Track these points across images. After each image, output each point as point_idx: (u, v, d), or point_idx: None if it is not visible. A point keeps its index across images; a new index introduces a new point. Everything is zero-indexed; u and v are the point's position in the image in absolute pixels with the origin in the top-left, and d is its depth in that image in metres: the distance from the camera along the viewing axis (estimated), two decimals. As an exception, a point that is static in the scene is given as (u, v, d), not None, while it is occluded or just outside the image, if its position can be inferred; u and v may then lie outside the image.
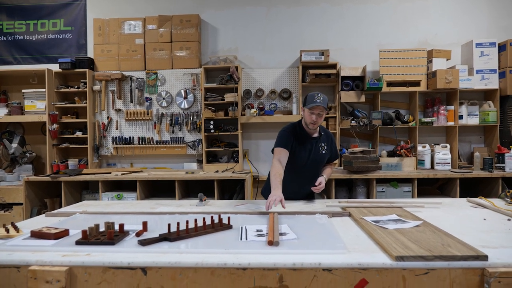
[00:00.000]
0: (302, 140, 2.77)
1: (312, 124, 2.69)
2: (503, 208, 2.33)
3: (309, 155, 2.77)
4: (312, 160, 2.78)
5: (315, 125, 2.71)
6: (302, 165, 2.78)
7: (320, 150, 2.80)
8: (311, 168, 2.82)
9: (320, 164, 2.86)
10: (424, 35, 4.91)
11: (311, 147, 2.78)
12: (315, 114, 2.65)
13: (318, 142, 2.81)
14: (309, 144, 2.77)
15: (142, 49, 4.94)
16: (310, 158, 2.77)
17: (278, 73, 4.98)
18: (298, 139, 2.76)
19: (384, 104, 4.83)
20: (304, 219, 2.15)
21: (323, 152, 2.82)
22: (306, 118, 2.72)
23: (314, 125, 2.71)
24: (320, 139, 2.82)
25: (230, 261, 1.46)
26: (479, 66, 4.55)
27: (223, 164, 4.78)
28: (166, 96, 4.95)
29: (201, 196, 2.73)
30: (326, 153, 2.85)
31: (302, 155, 2.76)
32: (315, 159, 2.79)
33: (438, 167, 4.44)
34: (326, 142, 2.86)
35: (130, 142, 4.95)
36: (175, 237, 1.71)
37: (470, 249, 1.50)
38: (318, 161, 2.82)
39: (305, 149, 2.76)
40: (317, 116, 2.66)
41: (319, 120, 2.70)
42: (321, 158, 2.83)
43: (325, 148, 2.83)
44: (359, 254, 1.52)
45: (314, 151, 2.78)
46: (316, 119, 2.67)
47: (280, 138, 2.75)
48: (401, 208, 2.37)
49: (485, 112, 4.58)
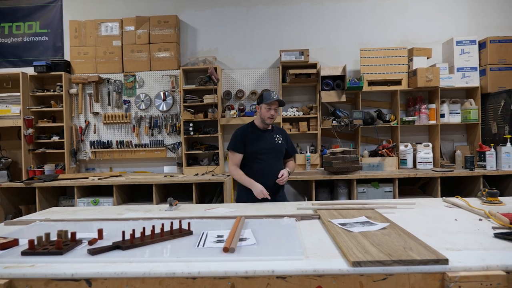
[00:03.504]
0: (256, 135, 2.97)
1: (270, 118, 2.90)
2: (477, 208, 2.27)
3: (267, 145, 2.95)
4: (270, 148, 2.95)
5: (272, 119, 2.92)
6: (263, 154, 2.93)
7: (275, 140, 2.99)
8: (273, 157, 2.96)
9: (279, 153, 3.01)
10: (405, 33, 4.87)
11: (266, 138, 2.97)
12: (272, 109, 2.87)
13: (272, 133, 3.02)
14: (264, 137, 2.97)
15: (120, 51, 4.85)
16: (269, 147, 2.95)
17: (259, 74, 4.92)
18: (252, 136, 2.96)
19: (366, 104, 4.78)
20: (270, 223, 2.07)
21: (279, 142, 3.00)
22: (263, 114, 2.91)
23: (271, 120, 2.92)
24: (273, 131, 3.03)
25: (180, 270, 1.38)
26: (460, 64, 4.52)
27: (204, 167, 4.70)
28: (144, 99, 4.86)
29: (170, 201, 2.65)
30: (283, 143, 3.02)
31: (260, 146, 2.94)
32: (273, 147, 2.97)
33: (420, 166, 4.40)
34: (280, 134, 3.05)
35: (108, 146, 4.85)
36: (127, 245, 1.63)
37: (432, 252, 1.43)
38: (277, 149, 2.99)
39: (261, 141, 2.95)
40: (274, 111, 2.89)
41: (276, 114, 2.92)
42: (279, 146, 3.00)
43: (280, 139, 3.02)
44: (317, 260, 1.45)
45: (270, 140, 2.98)
46: (273, 114, 2.89)
47: (233, 140, 3.00)
48: (373, 209, 2.30)
49: (466, 110, 4.54)
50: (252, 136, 2.96)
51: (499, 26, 4.78)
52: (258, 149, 2.93)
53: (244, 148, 2.94)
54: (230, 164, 3.01)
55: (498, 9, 4.82)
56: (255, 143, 2.94)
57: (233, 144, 2.98)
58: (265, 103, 2.86)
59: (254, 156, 2.94)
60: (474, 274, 1.33)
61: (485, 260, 1.39)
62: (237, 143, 2.95)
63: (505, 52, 4.40)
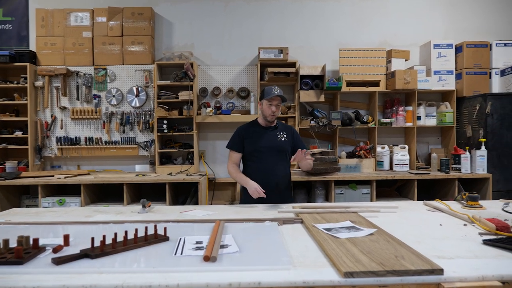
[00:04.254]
0: (257, 133, 2.87)
1: (271, 115, 2.80)
2: (459, 212, 2.24)
3: (267, 143, 2.83)
4: (271, 147, 2.83)
5: (274, 116, 2.81)
6: (263, 152, 2.83)
7: (278, 137, 2.86)
8: (274, 156, 2.84)
9: (282, 152, 2.87)
10: (384, 35, 4.87)
11: (268, 135, 2.86)
12: (273, 105, 2.76)
13: (275, 131, 2.89)
14: (266, 134, 2.87)
15: (90, 43, 4.60)
16: (269, 145, 2.83)
17: (236, 71, 4.79)
18: (252, 134, 2.87)
19: (344, 104, 4.74)
20: (251, 228, 1.96)
21: (282, 140, 2.86)
22: (265, 110, 2.81)
23: (273, 117, 2.81)
24: (276, 129, 2.91)
25: (156, 282, 1.25)
26: (437, 67, 4.55)
27: (178, 166, 4.53)
28: (116, 94, 4.63)
29: (143, 202, 2.49)
30: (287, 141, 2.88)
31: (259, 144, 2.83)
32: (274, 145, 2.84)
33: (396, 168, 4.40)
34: (285, 131, 2.91)
35: (76, 143, 4.60)
36: (97, 254, 1.48)
37: (425, 261, 1.36)
38: (279, 147, 2.85)
39: (261, 139, 2.84)
40: (275, 107, 2.77)
41: (277, 111, 2.81)
42: (282, 144, 2.86)
43: (284, 136, 2.88)
44: (305, 270, 1.35)
45: (272, 138, 2.85)
46: (275, 110, 2.78)
47: (232, 138, 2.94)
48: (356, 213, 2.23)
49: (442, 113, 4.58)
50: (252, 134, 2.87)
51: (474, 31, 4.85)
52: (257, 147, 2.84)
53: (242, 146, 2.87)
54: (228, 163, 2.93)
55: (474, 14, 4.89)
56: (254, 141, 2.85)
57: (231, 143, 2.93)
58: (266, 99, 2.77)
59: (253, 154, 2.85)
60: (470, 285, 1.27)
61: (480, 270, 1.34)
62: (235, 141, 2.90)
63: (480, 57, 4.46)
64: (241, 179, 2.76)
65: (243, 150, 2.88)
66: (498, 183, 4.06)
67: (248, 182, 2.68)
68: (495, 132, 4.11)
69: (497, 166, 4.09)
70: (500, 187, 4.06)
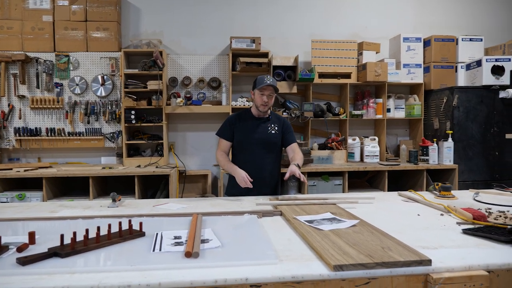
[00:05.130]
0: (247, 123, 2.79)
1: (263, 105, 2.71)
2: (435, 202, 2.27)
3: (257, 134, 2.76)
4: (260, 139, 2.76)
5: (266, 106, 2.73)
6: (251, 144, 2.75)
7: (269, 129, 2.79)
8: (262, 148, 2.76)
9: (271, 145, 2.80)
10: (355, 27, 4.89)
11: (258, 127, 2.78)
12: (265, 95, 2.68)
13: (267, 122, 2.81)
14: (256, 125, 2.78)
15: (51, 28, 4.32)
16: (258, 136, 2.76)
17: (207, 61, 4.67)
18: (242, 123, 2.79)
19: (316, 96, 4.74)
20: (231, 221, 1.89)
21: (272, 132, 2.79)
22: (257, 100, 2.74)
23: (265, 107, 2.73)
24: (269, 120, 2.83)
25: (136, 281, 1.16)
26: (406, 60, 4.63)
27: (147, 158, 4.37)
28: (80, 82, 4.40)
29: (113, 196, 2.36)
30: (277, 134, 2.81)
31: (248, 135, 2.76)
32: (263, 138, 2.76)
33: (367, 160, 4.45)
34: (277, 123, 2.84)
35: (37, 134, 4.33)
36: (68, 252, 1.36)
37: (413, 252, 1.35)
38: (268, 140, 2.78)
39: (250, 129, 2.77)
40: (267, 97, 2.69)
41: (270, 101, 2.72)
42: (271, 137, 2.79)
43: (274, 128, 2.81)
44: (293, 264, 1.30)
45: (262, 129, 2.78)
46: (267, 100, 2.69)
47: (223, 125, 2.85)
48: (335, 204, 2.22)
49: (410, 106, 4.67)
50: (242, 123, 2.79)
51: (442, 26, 4.96)
52: (245, 138, 2.76)
53: (232, 135, 2.79)
54: (217, 150, 2.84)
55: (442, 9, 5.01)
56: (243, 131, 2.77)
57: (221, 130, 2.84)
58: (257, 89, 2.69)
59: (241, 145, 2.77)
60: (458, 275, 1.26)
61: (465, 260, 1.34)
62: (225, 129, 2.81)
63: (447, 51, 4.57)
64: (229, 167, 2.66)
65: (233, 140, 2.81)
66: (463, 173, 4.20)
67: (236, 170, 2.59)
68: (461, 125, 4.23)
69: (463, 157, 4.22)
70: (465, 178, 4.20)
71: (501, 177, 4.28)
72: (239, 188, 2.63)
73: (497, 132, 4.25)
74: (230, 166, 2.67)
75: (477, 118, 4.25)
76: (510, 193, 2.64)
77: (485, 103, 4.26)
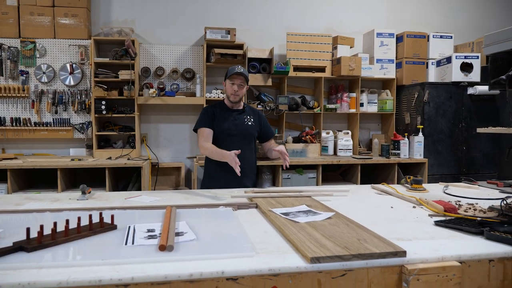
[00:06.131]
0: (224, 113, 2.74)
1: (234, 95, 2.69)
2: (407, 195, 2.31)
3: (235, 126, 2.72)
4: (238, 130, 2.72)
5: (237, 96, 2.70)
6: (230, 136, 2.70)
7: (245, 121, 2.77)
8: (240, 140, 2.72)
9: (249, 136, 2.78)
10: (330, 21, 4.91)
11: (234, 119, 2.75)
12: (236, 84, 2.66)
13: (242, 114, 2.78)
14: (232, 116, 2.75)
15: (16, 12, 4.11)
16: (236, 128, 2.72)
17: (181, 51, 4.57)
18: (220, 113, 2.73)
19: (290, 89, 4.74)
20: (206, 214, 1.86)
21: (249, 124, 2.77)
22: (227, 90, 2.72)
23: (235, 97, 2.70)
24: (244, 112, 2.80)
25: (107, 276, 1.11)
26: (379, 55, 4.69)
27: (118, 150, 4.25)
28: (47, 70, 4.22)
29: (83, 188, 2.28)
30: (254, 125, 2.79)
31: (226, 126, 2.71)
32: (242, 129, 2.74)
33: (340, 154, 4.50)
34: (252, 115, 2.82)
35: (0, 124, 4.13)
36: (34, 246, 1.29)
37: (388, 244, 1.36)
38: (246, 132, 2.76)
39: (228, 121, 2.72)
40: (238, 87, 2.66)
41: (240, 91, 2.70)
42: (249, 129, 2.77)
43: (251, 120, 2.79)
44: (269, 257, 1.28)
45: (239, 121, 2.75)
46: (237, 89, 2.67)
47: (200, 117, 2.75)
48: (310, 197, 2.22)
49: (383, 101, 4.75)
50: (219, 115, 2.72)
51: (414, 22, 5.06)
52: (223, 129, 2.69)
53: (213, 124, 2.69)
54: (200, 141, 2.66)
55: (414, 5, 5.11)
56: (221, 122, 2.70)
57: (200, 122, 2.71)
58: (228, 78, 2.66)
59: (219, 137, 2.69)
60: (432, 266, 1.28)
61: (439, 251, 1.36)
62: (205, 119, 2.70)
63: (419, 47, 4.67)
64: (217, 151, 2.50)
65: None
66: (433, 167, 4.31)
67: (224, 154, 2.41)
68: (431, 120, 4.34)
69: (432, 151, 4.34)
70: (435, 171, 4.32)
71: (468, 171, 4.43)
72: (216, 181, 2.62)
73: (464, 128, 4.39)
74: (217, 150, 2.51)
75: (446, 114, 4.37)
76: (477, 186, 2.73)
77: (454, 99, 4.38)
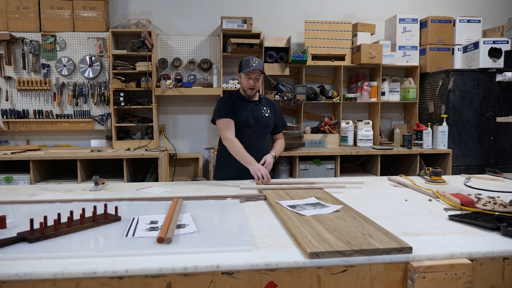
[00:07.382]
0: (242, 104, 2.68)
1: (250, 89, 2.64)
2: (424, 187, 2.22)
3: (253, 117, 2.66)
4: (256, 121, 2.67)
5: (253, 90, 2.66)
6: (248, 127, 2.65)
7: (262, 112, 2.71)
8: (258, 132, 2.69)
9: (266, 128, 2.75)
10: (350, 7, 4.76)
11: (252, 109, 2.68)
12: (252, 78, 2.60)
13: (259, 105, 2.73)
14: (250, 107, 2.68)
15: (36, 7, 4.19)
16: (254, 119, 2.66)
17: (198, 41, 4.55)
18: (237, 104, 2.67)
19: (309, 79, 4.65)
20: (212, 206, 1.84)
21: (266, 115, 2.72)
22: (243, 84, 2.66)
23: (252, 90, 2.66)
24: (261, 103, 2.75)
25: (102, 268, 1.11)
26: (402, 42, 4.52)
27: (136, 141, 4.30)
28: (67, 63, 4.29)
29: (96, 179, 2.30)
30: (270, 117, 2.75)
31: (245, 116, 2.64)
32: (259, 120, 2.69)
33: (360, 144, 4.39)
34: (269, 107, 2.77)
35: (24, 116, 4.25)
36: (36, 237, 1.31)
37: (394, 239, 1.29)
38: (264, 123, 2.71)
39: (246, 111, 2.66)
40: (254, 81, 2.61)
41: (257, 84, 2.64)
42: (266, 120, 2.72)
43: (267, 111, 2.74)
44: (268, 251, 1.25)
45: (257, 112, 2.69)
46: (254, 84, 2.62)
47: (219, 107, 2.65)
48: (322, 189, 2.16)
49: (405, 89, 4.59)
50: (238, 105, 2.65)
51: (439, 6, 4.84)
52: (243, 120, 2.62)
53: (233, 114, 2.61)
54: (224, 132, 2.56)
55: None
56: (240, 113, 2.63)
57: (220, 112, 2.61)
58: (243, 72, 2.60)
59: (237, 128, 2.62)
60: (439, 263, 1.21)
61: (448, 247, 1.28)
62: (225, 109, 2.60)
63: (444, 33, 4.47)
64: (244, 156, 2.44)
65: None
66: (458, 158, 4.15)
67: (253, 163, 2.40)
68: (456, 108, 4.16)
69: (457, 142, 4.16)
70: (459, 163, 4.15)
71: (496, 162, 4.23)
72: (228, 171, 2.58)
73: (492, 117, 4.18)
74: (246, 155, 2.45)
75: (472, 102, 4.18)
76: (502, 179, 2.59)
77: (481, 86, 4.18)
